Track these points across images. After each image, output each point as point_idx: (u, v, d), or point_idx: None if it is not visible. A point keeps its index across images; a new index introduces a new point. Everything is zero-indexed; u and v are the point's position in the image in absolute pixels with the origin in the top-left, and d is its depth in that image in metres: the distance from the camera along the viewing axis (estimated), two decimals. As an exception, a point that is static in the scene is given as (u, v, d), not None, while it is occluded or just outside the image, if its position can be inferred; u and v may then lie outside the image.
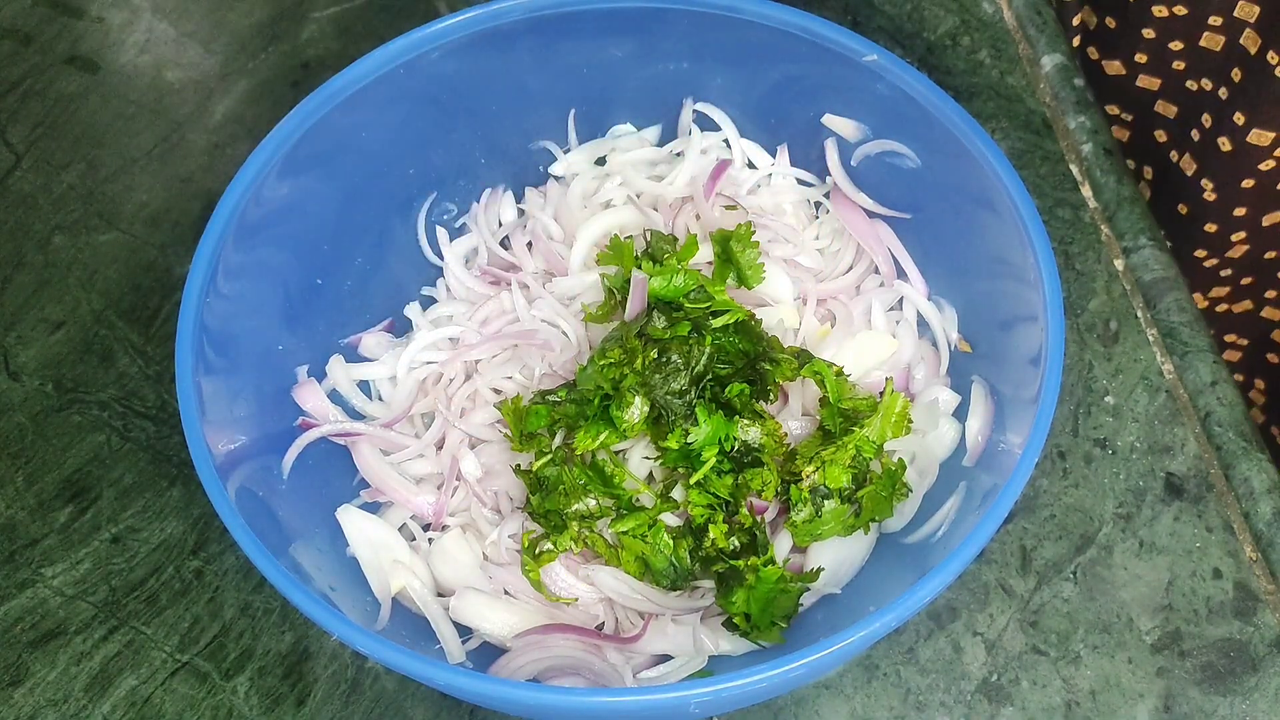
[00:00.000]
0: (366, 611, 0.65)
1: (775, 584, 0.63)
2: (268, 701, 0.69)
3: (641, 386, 0.65)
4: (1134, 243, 0.81)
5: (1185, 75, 0.87)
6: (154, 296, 0.82)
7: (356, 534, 0.67)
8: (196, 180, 0.87)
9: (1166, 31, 0.85)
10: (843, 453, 0.65)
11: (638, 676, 0.64)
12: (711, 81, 0.77)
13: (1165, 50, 0.86)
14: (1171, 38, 0.85)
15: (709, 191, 0.76)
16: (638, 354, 0.65)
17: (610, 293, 0.71)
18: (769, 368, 0.66)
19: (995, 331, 0.69)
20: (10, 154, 0.89)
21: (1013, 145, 0.85)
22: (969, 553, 0.56)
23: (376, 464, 0.70)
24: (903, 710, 0.68)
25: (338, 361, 0.73)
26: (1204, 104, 0.87)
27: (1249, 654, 0.69)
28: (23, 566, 0.73)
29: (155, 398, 0.79)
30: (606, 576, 0.66)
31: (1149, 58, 0.88)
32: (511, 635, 0.65)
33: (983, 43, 0.90)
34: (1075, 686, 0.68)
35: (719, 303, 0.68)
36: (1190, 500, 0.73)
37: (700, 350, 0.66)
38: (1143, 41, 0.87)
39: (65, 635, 0.71)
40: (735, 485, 0.65)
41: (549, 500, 0.66)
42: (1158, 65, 0.88)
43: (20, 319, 0.82)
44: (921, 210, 0.74)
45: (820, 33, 0.70)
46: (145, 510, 0.75)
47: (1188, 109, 0.88)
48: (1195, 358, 0.77)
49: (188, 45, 0.93)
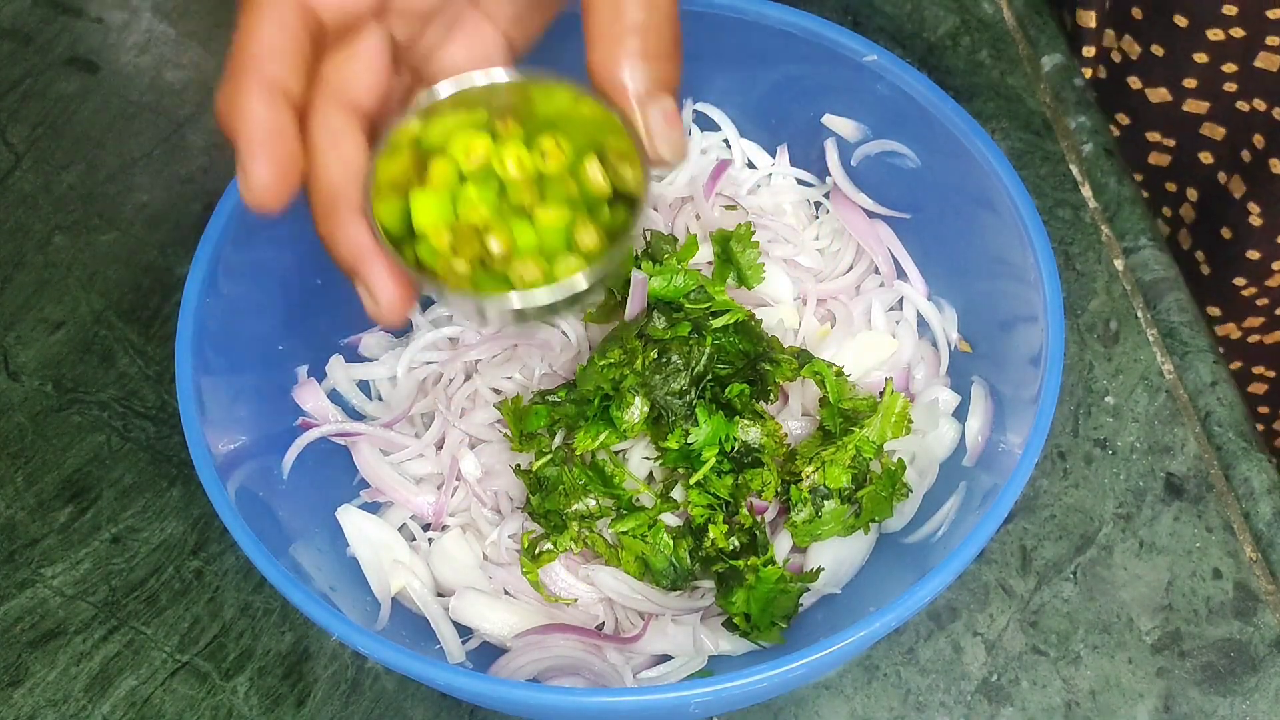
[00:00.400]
0: (366, 611, 0.65)
1: (775, 584, 0.63)
2: (268, 701, 0.69)
3: (641, 387, 0.65)
4: (1134, 243, 0.81)
5: (1236, 96, 0.85)
6: (154, 296, 0.82)
7: (356, 534, 0.67)
8: (196, 180, 0.87)
9: (1220, 55, 0.84)
10: (843, 453, 0.65)
11: (638, 676, 0.64)
12: (711, 81, 0.77)
13: (1218, 73, 0.85)
14: (1225, 60, 0.84)
15: (709, 191, 0.76)
16: (638, 354, 0.65)
17: (610, 293, 0.71)
18: (769, 368, 0.66)
19: (995, 331, 0.69)
20: (10, 154, 0.89)
21: (1013, 145, 0.85)
22: (969, 553, 0.56)
23: (376, 464, 0.70)
24: (903, 710, 0.68)
25: (338, 361, 0.73)
26: (1255, 124, 0.85)
27: (1249, 654, 0.69)
28: (22, 566, 0.73)
29: (155, 398, 0.79)
30: (606, 576, 0.66)
31: (1199, 82, 0.86)
32: (511, 635, 0.65)
33: (983, 43, 0.90)
34: (1075, 686, 0.68)
35: (719, 303, 0.68)
36: (1190, 500, 0.73)
37: (700, 350, 0.66)
38: (1194, 66, 0.85)
39: (65, 635, 0.71)
40: (735, 485, 0.66)
41: (549, 500, 0.66)
42: (1208, 89, 0.86)
43: (20, 319, 0.82)
44: (921, 210, 0.74)
45: (820, 33, 0.70)
46: (145, 510, 0.75)
47: (1238, 129, 0.87)
48: (1195, 358, 0.77)
49: (188, 45, 0.93)
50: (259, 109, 0.46)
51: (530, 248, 0.53)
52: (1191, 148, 0.90)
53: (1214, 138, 0.88)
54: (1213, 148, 0.89)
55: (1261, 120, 0.85)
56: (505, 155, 0.53)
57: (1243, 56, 0.83)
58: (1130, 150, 0.91)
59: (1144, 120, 0.91)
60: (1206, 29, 0.82)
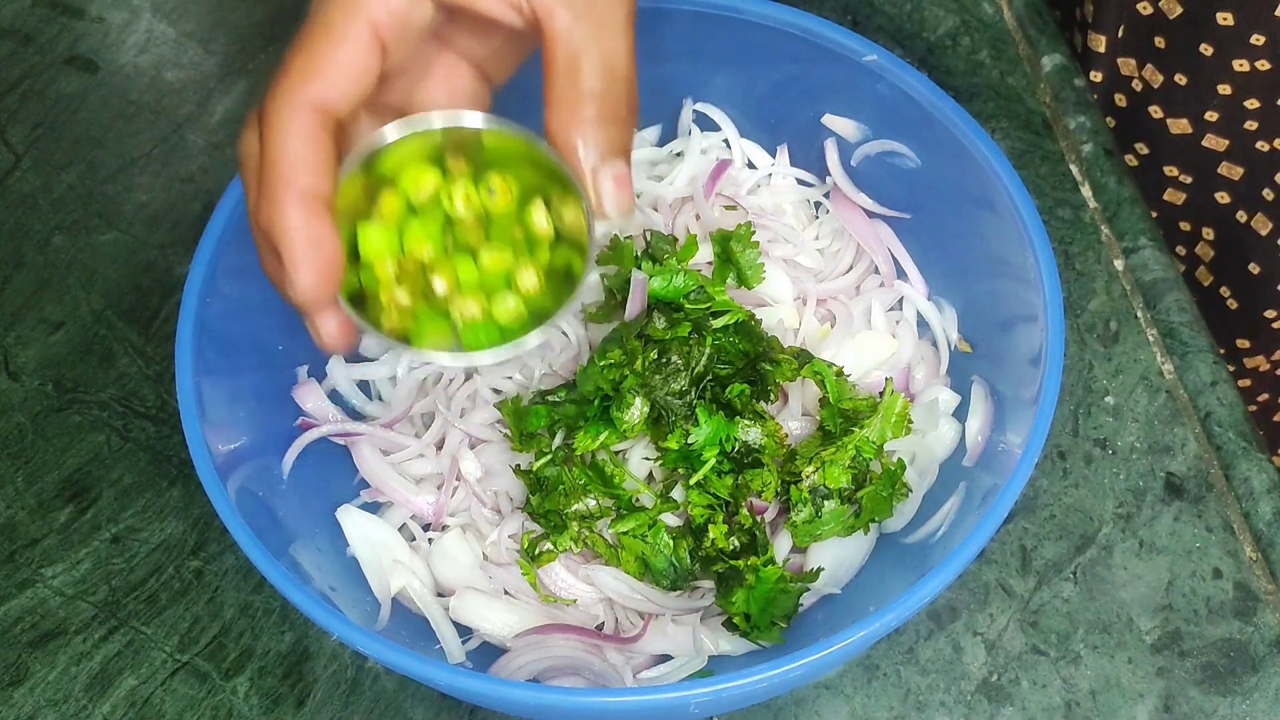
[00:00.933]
0: (366, 611, 0.65)
1: (775, 584, 0.63)
2: (268, 701, 0.69)
3: (642, 388, 0.65)
4: (1134, 243, 0.81)
5: (1257, 135, 0.84)
6: (154, 296, 0.82)
7: (356, 534, 0.67)
8: (196, 180, 0.87)
9: (1245, 88, 0.82)
10: (842, 453, 0.65)
11: (638, 676, 0.64)
12: (711, 81, 0.77)
13: (1240, 108, 0.83)
14: (1249, 95, 0.82)
15: (709, 191, 0.76)
16: (638, 355, 0.65)
17: (610, 293, 0.71)
18: (769, 368, 0.66)
19: (995, 331, 0.69)
20: (10, 154, 0.89)
21: (1013, 145, 0.85)
22: (969, 553, 0.56)
23: (376, 464, 0.70)
24: (903, 710, 0.68)
25: (338, 361, 0.73)
26: (1276, 163, 0.84)
27: (1249, 654, 0.69)
28: (23, 566, 0.73)
29: (155, 398, 0.79)
30: (606, 576, 0.66)
31: (1220, 115, 0.85)
32: (511, 635, 0.65)
33: (983, 43, 0.90)
34: (1075, 686, 0.68)
35: (719, 303, 0.68)
36: (1190, 500, 0.73)
37: (700, 351, 0.66)
38: (1217, 98, 0.84)
39: (65, 635, 0.71)
40: (735, 486, 0.66)
41: (549, 500, 0.66)
42: (1228, 125, 0.85)
43: (20, 319, 0.82)
44: (921, 210, 0.74)
45: (820, 33, 0.70)
46: (145, 510, 0.75)
47: (1257, 168, 0.86)
48: (1195, 358, 0.77)
49: (188, 45, 0.93)
50: (297, 221, 0.50)
51: (472, 284, 0.54)
52: (1209, 186, 0.89)
53: (1231, 177, 0.87)
54: (1230, 187, 0.88)
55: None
56: (454, 191, 0.54)
57: (1269, 91, 0.82)
58: (1148, 183, 0.90)
59: (1163, 152, 0.90)
60: (1233, 59, 0.81)
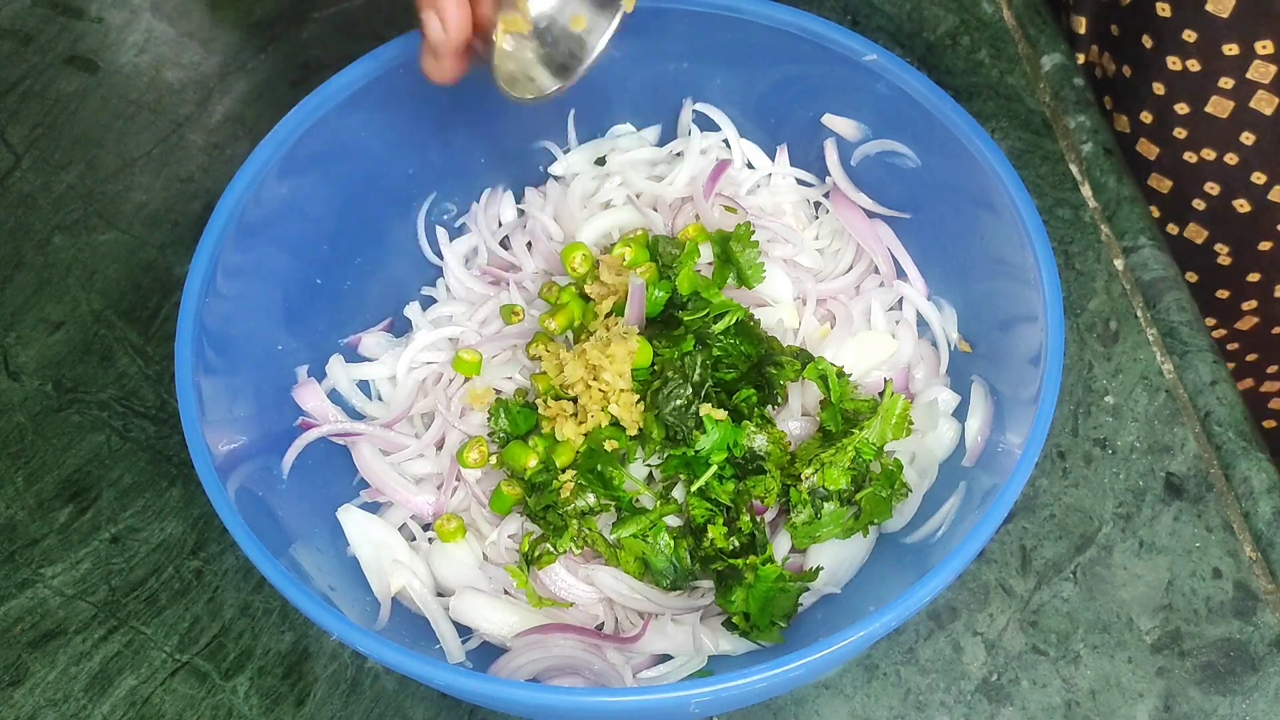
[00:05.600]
0: (366, 611, 0.65)
1: (774, 583, 0.63)
2: (267, 701, 0.69)
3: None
4: (1134, 242, 0.81)
5: (1185, 146, 0.83)
6: (154, 296, 0.82)
7: (356, 534, 0.67)
8: (196, 180, 0.87)
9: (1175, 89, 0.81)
10: (842, 455, 0.65)
11: (638, 676, 0.64)
12: (711, 81, 0.77)
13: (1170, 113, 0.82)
14: (1177, 99, 0.81)
15: (708, 192, 0.76)
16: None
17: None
18: (774, 371, 0.66)
19: (995, 331, 0.69)
20: (10, 154, 0.89)
21: (1013, 145, 0.85)
22: (969, 553, 0.56)
23: (376, 464, 0.70)
24: (903, 710, 0.68)
25: (338, 361, 0.73)
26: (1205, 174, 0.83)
27: (1249, 654, 0.69)
28: (23, 566, 0.73)
29: (155, 398, 0.79)
30: (606, 576, 0.66)
31: (1153, 118, 0.84)
32: (511, 635, 0.65)
33: (983, 43, 0.90)
34: (1075, 686, 0.68)
35: (717, 305, 0.68)
36: (1190, 500, 0.73)
37: (694, 360, 0.66)
38: (1151, 98, 0.83)
39: (65, 635, 0.71)
40: (737, 492, 0.65)
41: (545, 498, 0.66)
42: (1158, 132, 0.84)
43: (20, 319, 0.82)
44: (921, 210, 0.74)
45: (820, 33, 0.70)
46: (145, 510, 0.75)
47: (1185, 182, 0.85)
48: (1195, 357, 0.77)
49: (188, 45, 0.93)
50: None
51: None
52: (1145, 193, 0.88)
53: (1161, 190, 0.86)
54: (1160, 201, 0.87)
55: (1213, 169, 0.82)
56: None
57: (1195, 97, 0.80)
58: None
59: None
60: (1167, 55, 0.80)
